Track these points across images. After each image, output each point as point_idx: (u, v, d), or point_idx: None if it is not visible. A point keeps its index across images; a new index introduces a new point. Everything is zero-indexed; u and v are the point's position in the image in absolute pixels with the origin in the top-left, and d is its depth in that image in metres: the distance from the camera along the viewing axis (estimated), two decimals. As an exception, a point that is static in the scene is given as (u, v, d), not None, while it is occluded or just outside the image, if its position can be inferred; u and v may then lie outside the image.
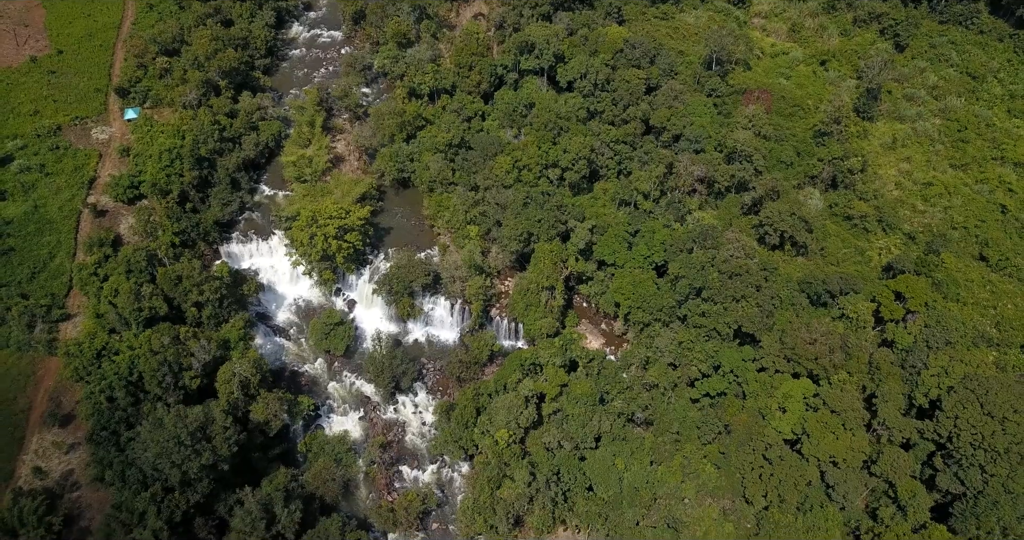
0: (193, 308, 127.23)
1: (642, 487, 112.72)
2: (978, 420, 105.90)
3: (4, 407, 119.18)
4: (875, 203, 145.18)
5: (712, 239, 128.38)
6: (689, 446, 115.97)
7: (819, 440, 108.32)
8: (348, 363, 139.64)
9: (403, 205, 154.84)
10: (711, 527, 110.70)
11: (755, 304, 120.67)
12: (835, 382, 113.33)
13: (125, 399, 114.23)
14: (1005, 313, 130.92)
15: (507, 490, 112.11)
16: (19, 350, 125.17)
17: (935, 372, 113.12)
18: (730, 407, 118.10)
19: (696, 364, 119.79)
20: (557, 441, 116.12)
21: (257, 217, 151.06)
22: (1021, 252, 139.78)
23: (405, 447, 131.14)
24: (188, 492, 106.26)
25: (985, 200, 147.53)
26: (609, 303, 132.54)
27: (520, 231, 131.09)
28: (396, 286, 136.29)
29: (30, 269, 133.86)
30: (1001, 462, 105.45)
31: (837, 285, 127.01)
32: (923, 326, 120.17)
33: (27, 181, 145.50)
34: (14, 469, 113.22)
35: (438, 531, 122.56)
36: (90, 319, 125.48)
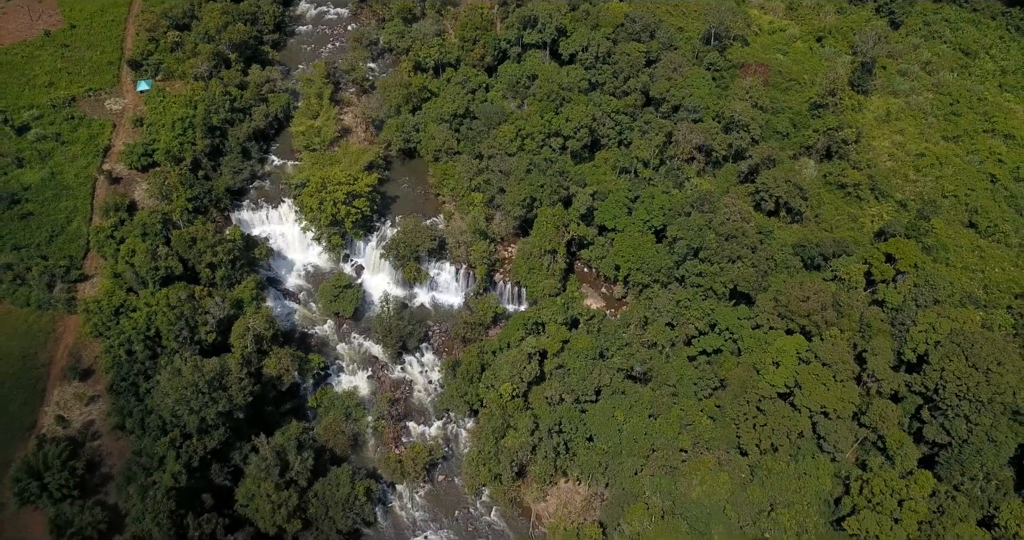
0: (207, 269, 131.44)
1: (640, 438, 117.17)
2: (963, 372, 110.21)
3: (26, 362, 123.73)
4: (868, 172, 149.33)
5: (710, 204, 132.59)
6: (686, 400, 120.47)
7: (810, 391, 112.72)
8: (356, 325, 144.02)
9: (409, 175, 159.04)
10: (706, 476, 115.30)
11: (750, 265, 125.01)
12: (827, 337, 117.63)
13: (143, 352, 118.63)
14: (992, 276, 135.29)
15: (511, 439, 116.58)
16: (39, 308, 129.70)
17: (923, 328, 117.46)
18: (726, 362, 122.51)
19: (693, 322, 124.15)
20: (559, 395, 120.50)
21: (267, 185, 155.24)
22: (1009, 219, 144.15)
23: (412, 404, 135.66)
24: (205, 439, 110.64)
25: (975, 170, 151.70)
26: (609, 267, 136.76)
27: (523, 196, 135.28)
28: (403, 250, 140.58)
29: (48, 232, 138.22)
30: (985, 412, 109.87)
31: (830, 248, 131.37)
32: (912, 286, 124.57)
33: (44, 149, 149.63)
34: (37, 419, 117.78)
35: (444, 483, 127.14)
36: (107, 279, 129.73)
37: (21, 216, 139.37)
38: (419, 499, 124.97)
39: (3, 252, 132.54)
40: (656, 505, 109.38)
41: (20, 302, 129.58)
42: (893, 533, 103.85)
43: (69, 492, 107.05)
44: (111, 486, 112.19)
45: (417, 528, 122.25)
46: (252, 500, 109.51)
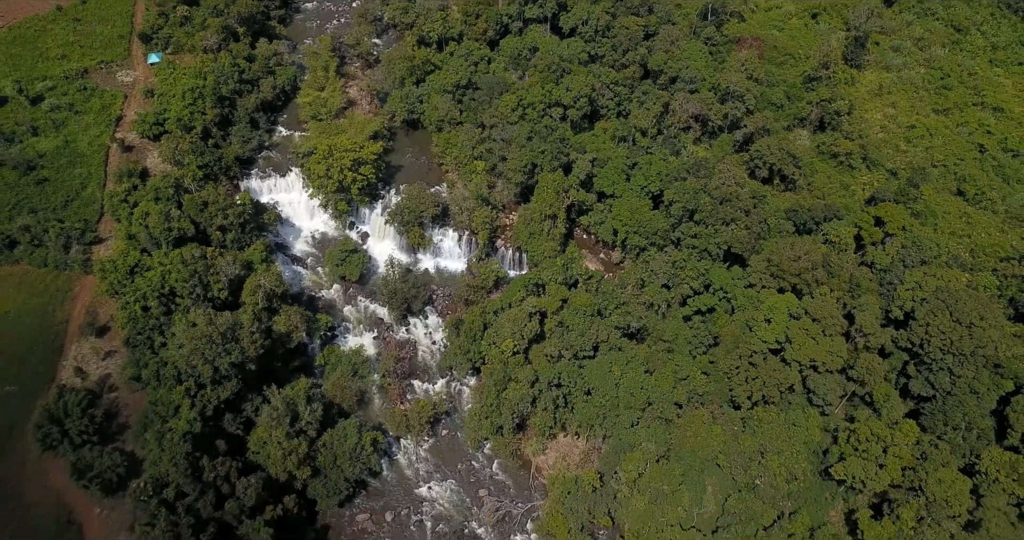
0: (218, 232, 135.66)
1: (636, 392, 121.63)
2: (947, 326, 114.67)
3: (44, 319, 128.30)
4: (860, 142, 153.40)
5: (705, 170, 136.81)
6: (681, 357, 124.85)
7: (800, 345, 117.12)
8: (362, 289, 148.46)
9: (413, 145, 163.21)
10: (700, 429, 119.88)
11: (744, 227, 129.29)
12: (817, 295, 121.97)
13: (158, 309, 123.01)
14: (979, 241, 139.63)
15: (512, 392, 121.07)
16: (56, 269, 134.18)
17: (909, 286, 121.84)
18: (719, 320, 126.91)
19: (688, 282, 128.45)
20: (558, 351, 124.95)
21: (275, 155, 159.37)
22: (996, 187, 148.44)
23: (416, 363, 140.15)
24: (218, 389, 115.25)
25: (964, 141, 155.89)
26: (608, 232, 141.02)
27: (524, 162, 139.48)
28: (407, 216, 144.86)
29: (64, 197, 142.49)
30: (968, 364, 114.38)
31: (821, 213, 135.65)
32: (900, 247, 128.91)
33: (58, 118, 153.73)
34: (56, 373, 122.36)
35: (447, 437, 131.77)
36: (122, 241, 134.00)
37: (37, 182, 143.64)
38: (423, 452, 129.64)
39: (21, 215, 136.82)
40: (651, 451, 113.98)
41: (37, 263, 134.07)
42: (878, 478, 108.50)
43: (89, 438, 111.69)
44: (128, 435, 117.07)
45: (421, 479, 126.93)
46: (263, 447, 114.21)
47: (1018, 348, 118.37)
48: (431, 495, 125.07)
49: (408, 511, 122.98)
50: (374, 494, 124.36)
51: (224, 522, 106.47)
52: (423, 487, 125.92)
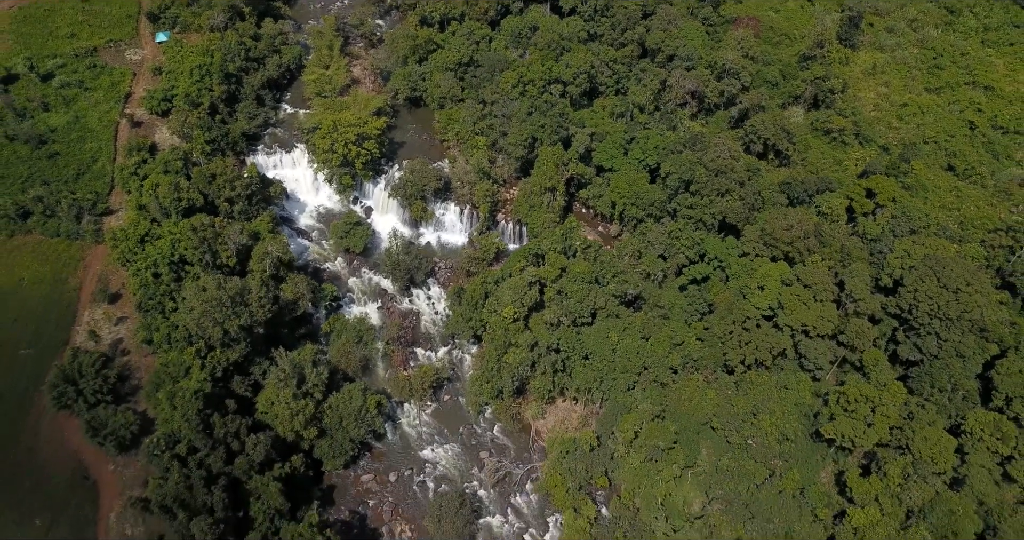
0: (226, 203, 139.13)
1: (633, 357, 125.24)
2: (935, 292, 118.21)
3: (57, 286, 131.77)
4: (853, 119, 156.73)
5: (701, 143, 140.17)
6: (676, 323, 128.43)
7: (792, 310, 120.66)
8: (366, 261, 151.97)
9: (415, 123, 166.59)
10: (695, 393, 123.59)
11: (738, 198, 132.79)
12: (808, 263, 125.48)
13: (168, 275, 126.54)
14: (968, 213, 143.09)
15: (512, 356, 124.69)
16: (68, 239, 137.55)
17: (899, 254, 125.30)
18: (714, 288, 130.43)
19: (684, 252, 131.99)
20: (557, 318, 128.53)
21: (280, 132, 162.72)
22: (986, 162, 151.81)
23: (419, 333, 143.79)
24: (228, 351, 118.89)
25: (956, 118, 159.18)
26: (606, 204, 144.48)
27: (525, 136, 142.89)
28: (410, 190, 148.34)
29: (75, 170, 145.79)
30: (954, 328, 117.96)
31: (814, 185, 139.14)
32: (890, 217, 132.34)
33: (68, 95, 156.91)
34: (70, 337, 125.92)
35: (449, 402, 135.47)
36: (132, 211, 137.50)
37: (48, 156, 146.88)
38: (426, 417, 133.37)
39: (33, 187, 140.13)
40: (647, 411, 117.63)
41: (50, 233, 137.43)
42: (866, 436, 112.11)
43: (103, 397, 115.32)
44: (140, 396, 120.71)
45: (424, 442, 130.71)
46: (271, 407, 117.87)
47: (1003, 313, 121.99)
48: (433, 457, 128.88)
49: (411, 472, 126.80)
50: (378, 456, 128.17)
51: (234, 477, 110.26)
52: (426, 449, 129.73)
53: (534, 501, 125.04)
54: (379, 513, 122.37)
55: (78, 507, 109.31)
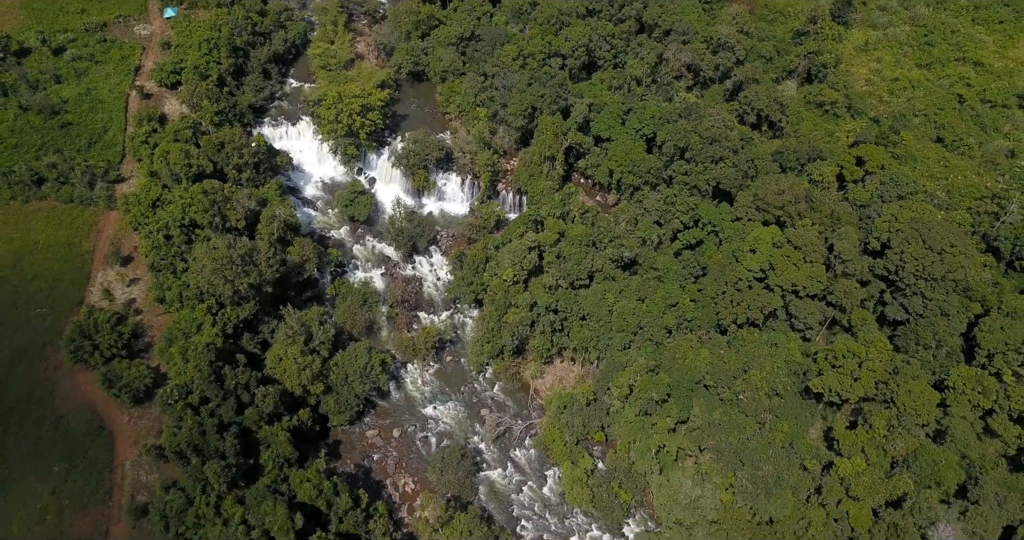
0: (234, 171, 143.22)
1: (629, 316, 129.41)
2: (920, 253, 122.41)
3: (71, 249, 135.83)
4: (845, 92, 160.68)
5: (696, 113, 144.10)
6: (670, 285, 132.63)
7: (783, 271, 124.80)
8: (370, 229, 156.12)
9: (418, 96, 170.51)
10: (688, 352, 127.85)
11: (732, 165, 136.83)
12: (799, 226, 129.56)
13: (180, 237, 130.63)
14: (955, 182, 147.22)
15: (512, 315, 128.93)
16: (82, 204, 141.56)
17: (886, 219, 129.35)
18: (707, 251, 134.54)
19: (679, 217, 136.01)
20: (556, 281, 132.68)
21: (286, 105, 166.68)
22: (974, 134, 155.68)
23: (422, 298, 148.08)
24: (238, 309, 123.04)
25: (945, 92, 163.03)
26: (604, 173, 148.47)
27: (525, 106, 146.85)
28: (413, 160, 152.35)
29: (87, 140, 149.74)
30: (938, 288, 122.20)
31: (806, 153, 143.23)
32: (879, 184, 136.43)
33: (79, 67, 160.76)
34: (84, 297, 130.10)
35: (451, 363, 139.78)
36: (144, 178, 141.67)
37: (61, 125, 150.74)
38: (428, 376, 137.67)
39: (47, 155, 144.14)
40: (642, 365, 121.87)
41: (64, 199, 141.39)
42: (852, 389, 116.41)
43: (118, 352, 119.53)
44: (152, 353, 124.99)
45: (427, 400, 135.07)
46: (279, 363, 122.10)
47: (986, 273, 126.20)
48: (436, 414, 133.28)
49: (414, 428, 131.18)
50: (382, 413, 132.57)
51: (245, 427, 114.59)
52: (428, 407, 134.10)
53: (533, 455, 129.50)
54: (383, 467, 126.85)
55: (94, 455, 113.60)
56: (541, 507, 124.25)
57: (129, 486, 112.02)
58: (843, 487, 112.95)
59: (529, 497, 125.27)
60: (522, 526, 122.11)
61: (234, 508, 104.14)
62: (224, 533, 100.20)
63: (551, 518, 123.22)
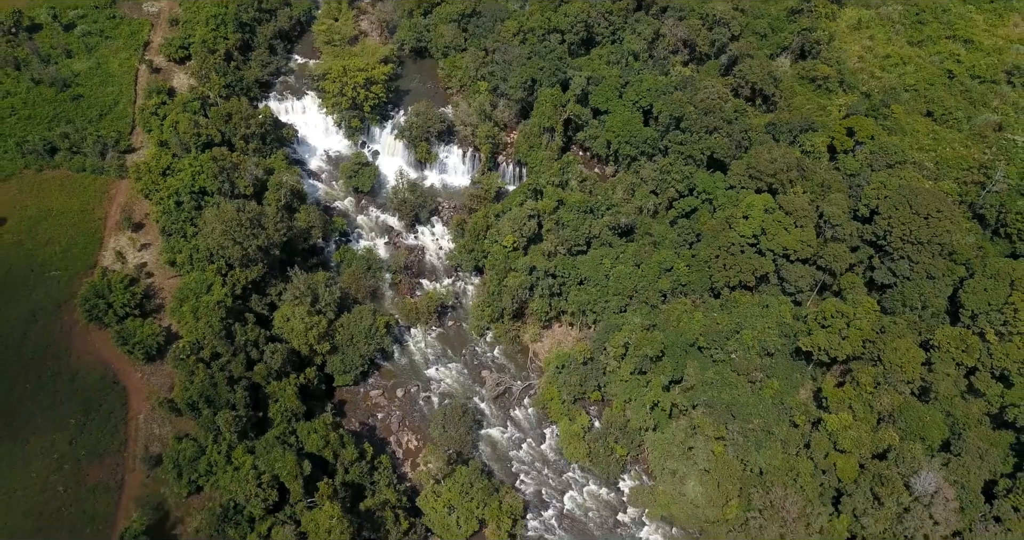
0: (242, 141, 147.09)
1: (625, 281, 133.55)
2: (908, 218, 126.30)
3: (84, 215, 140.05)
4: (838, 68, 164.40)
5: (692, 86, 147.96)
6: (666, 251, 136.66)
7: (774, 235, 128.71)
8: (373, 200, 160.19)
9: (420, 72, 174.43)
10: (683, 314, 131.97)
11: (726, 135, 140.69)
12: (790, 193, 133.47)
13: (190, 203, 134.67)
14: (944, 154, 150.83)
15: (511, 279, 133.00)
16: (94, 173, 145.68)
17: (875, 186, 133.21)
18: (702, 218, 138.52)
19: (674, 185, 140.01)
20: (554, 247, 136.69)
21: (291, 80, 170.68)
22: (963, 108, 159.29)
23: (424, 266, 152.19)
24: (246, 271, 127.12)
25: (935, 68, 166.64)
26: (602, 145, 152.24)
27: (524, 78, 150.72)
28: (415, 131, 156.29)
29: (98, 112, 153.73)
30: (924, 251, 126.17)
31: (798, 125, 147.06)
32: (868, 153, 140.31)
33: (90, 43, 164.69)
34: (97, 260, 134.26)
35: (453, 327, 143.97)
36: (154, 147, 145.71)
37: (72, 98, 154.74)
38: (431, 340, 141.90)
39: (59, 126, 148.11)
40: (637, 324, 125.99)
41: (76, 168, 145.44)
42: (840, 347, 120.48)
43: (131, 311, 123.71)
44: (164, 314, 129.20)
45: (429, 362, 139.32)
46: (287, 323, 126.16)
47: (970, 237, 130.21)
48: (438, 375, 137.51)
49: (417, 389, 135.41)
50: (386, 374, 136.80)
51: (254, 383, 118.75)
52: (431, 369, 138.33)
53: (532, 414, 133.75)
54: (387, 425, 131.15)
55: (109, 409, 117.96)
56: (540, 463, 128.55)
57: (143, 438, 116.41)
58: (831, 441, 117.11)
59: (528, 453, 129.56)
60: (521, 480, 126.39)
61: (244, 456, 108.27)
62: (235, 478, 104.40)
63: (549, 473, 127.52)
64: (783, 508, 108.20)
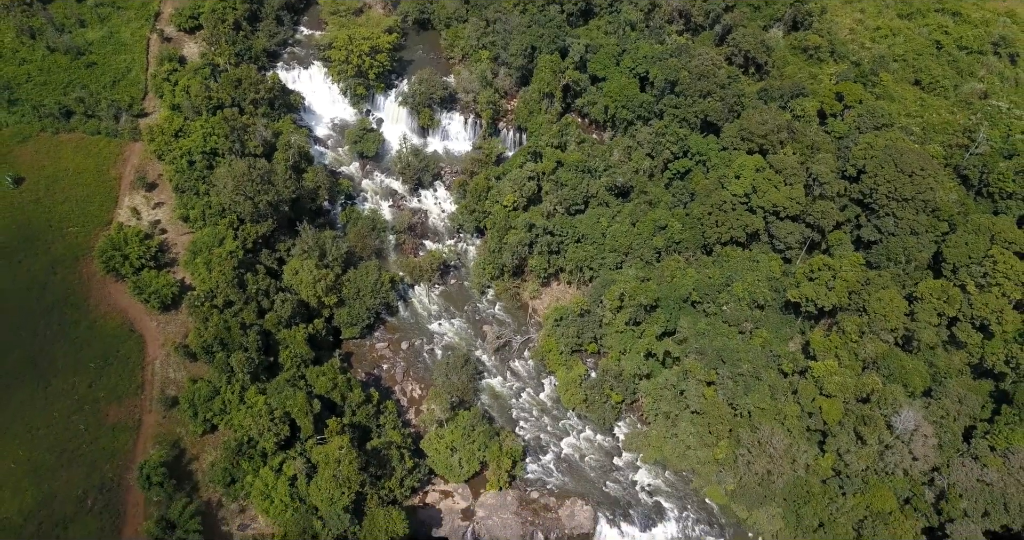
0: (251, 105, 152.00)
1: (621, 238, 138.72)
2: (892, 176, 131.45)
3: (100, 175, 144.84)
4: (829, 38, 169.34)
5: (687, 53, 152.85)
6: (661, 210, 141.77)
7: (764, 192, 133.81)
8: (378, 165, 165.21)
9: (423, 43, 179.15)
10: (676, 270, 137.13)
11: (719, 99, 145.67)
12: (780, 153, 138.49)
13: (202, 162, 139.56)
14: (930, 120, 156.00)
15: (512, 236, 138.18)
16: (108, 136, 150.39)
17: (862, 146, 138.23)
18: (695, 178, 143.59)
19: (669, 147, 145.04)
20: (553, 206, 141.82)
21: (298, 51, 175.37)
22: (950, 77, 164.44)
23: (427, 228, 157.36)
24: (257, 226, 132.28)
25: (924, 39, 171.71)
26: (599, 111, 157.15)
27: (524, 45, 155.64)
28: (419, 98, 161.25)
29: (111, 78, 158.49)
30: (908, 208, 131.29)
31: (789, 90, 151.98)
32: (856, 116, 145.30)
33: (102, 13, 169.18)
34: (112, 217, 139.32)
35: (455, 285, 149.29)
36: (166, 111, 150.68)
37: (86, 65, 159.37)
38: (434, 296, 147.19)
39: (74, 91, 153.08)
40: (632, 276, 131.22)
41: (91, 131, 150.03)
42: (827, 298, 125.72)
43: (146, 263, 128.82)
44: (178, 267, 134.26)
45: (433, 318, 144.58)
46: (296, 275, 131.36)
47: (953, 194, 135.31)
48: (441, 330, 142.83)
49: (421, 342, 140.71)
50: (391, 328, 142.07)
51: (265, 330, 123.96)
52: (434, 323, 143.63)
53: (531, 366, 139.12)
54: (392, 375, 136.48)
55: (126, 354, 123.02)
56: (538, 410, 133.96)
57: (159, 381, 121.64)
58: (817, 386, 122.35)
59: (527, 401, 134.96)
60: (520, 427, 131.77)
61: (257, 397, 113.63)
62: (249, 414, 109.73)
63: (547, 420, 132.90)
64: (770, 444, 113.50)
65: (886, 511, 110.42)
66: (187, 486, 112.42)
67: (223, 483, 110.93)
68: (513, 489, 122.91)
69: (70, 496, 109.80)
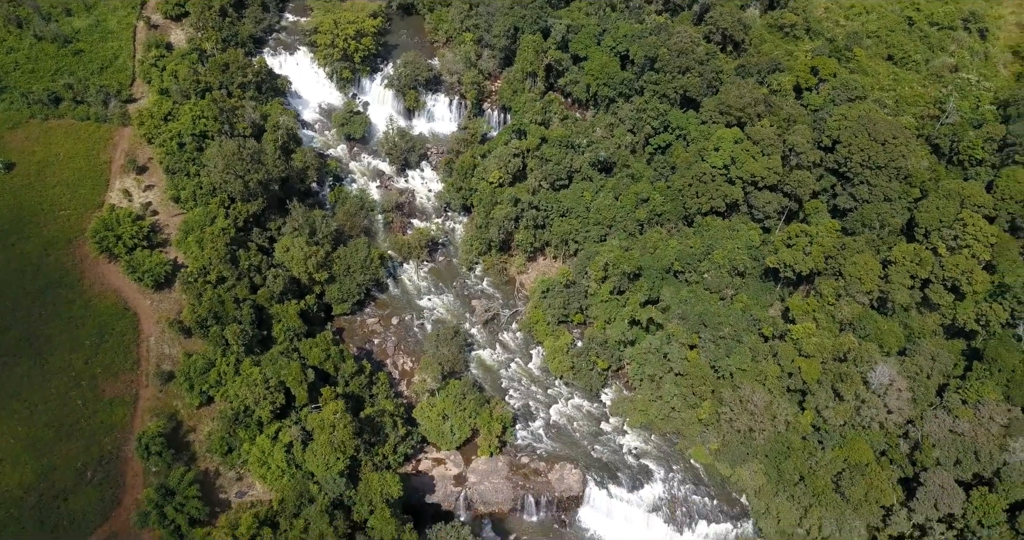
0: (239, 89, 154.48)
1: (605, 212, 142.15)
2: (866, 144, 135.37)
3: (90, 159, 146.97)
4: (804, 16, 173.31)
5: (666, 32, 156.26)
6: (643, 183, 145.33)
7: (743, 163, 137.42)
8: (365, 147, 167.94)
9: (408, 28, 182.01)
10: (659, 242, 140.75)
11: (698, 74, 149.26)
12: (758, 125, 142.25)
13: (192, 145, 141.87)
14: (903, 93, 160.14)
15: (498, 210, 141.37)
16: (97, 122, 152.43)
17: (837, 117, 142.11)
18: (676, 152, 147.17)
19: (650, 122, 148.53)
20: (538, 182, 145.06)
21: (284, 36, 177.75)
22: (921, 52, 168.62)
23: (415, 207, 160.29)
24: (247, 205, 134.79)
25: (896, 16, 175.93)
26: (582, 89, 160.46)
27: (507, 26, 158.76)
28: (404, 80, 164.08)
29: (99, 65, 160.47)
30: (882, 175, 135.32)
31: (766, 66, 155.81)
32: (831, 89, 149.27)
33: (88, 2, 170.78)
34: (104, 200, 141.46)
35: (443, 262, 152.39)
36: (155, 95, 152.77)
37: (74, 53, 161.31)
38: (423, 273, 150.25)
39: (62, 78, 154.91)
40: (616, 246, 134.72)
41: (80, 116, 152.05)
42: (804, 262, 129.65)
43: (139, 242, 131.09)
44: (170, 248, 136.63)
45: (422, 293, 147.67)
46: (287, 252, 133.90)
47: (924, 161, 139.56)
48: (431, 305, 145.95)
49: (411, 317, 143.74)
50: (382, 304, 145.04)
51: (258, 305, 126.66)
52: (424, 299, 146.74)
53: (519, 337, 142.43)
54: (383, 349, 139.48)
55: (121, 331, 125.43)
56: (527, 379, 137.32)
57: (154, 357, 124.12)
58: (796, 348, 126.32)
59: (516, 371, 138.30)
60: (510, 395, 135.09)
61: (251, 368, 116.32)
62: (245, 383, 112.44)
63: (536, 388, 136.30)
64: (751, 401, 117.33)
65: (863, 463, 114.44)
66: (185, 456, 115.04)
67: (220, 452, 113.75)
68: (504, 455, 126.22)
69: (69, 469, 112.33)
